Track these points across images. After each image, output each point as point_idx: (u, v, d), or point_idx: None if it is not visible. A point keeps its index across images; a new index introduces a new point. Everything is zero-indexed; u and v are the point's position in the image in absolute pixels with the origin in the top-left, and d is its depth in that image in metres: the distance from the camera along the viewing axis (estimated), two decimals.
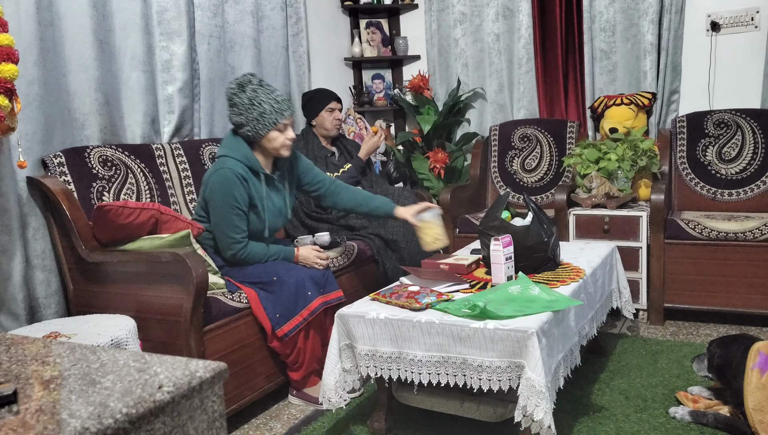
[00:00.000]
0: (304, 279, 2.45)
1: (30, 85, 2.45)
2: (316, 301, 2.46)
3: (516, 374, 1.82)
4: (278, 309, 2.42)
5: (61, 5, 2.59)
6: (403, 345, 1.98)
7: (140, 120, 2.94)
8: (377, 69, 4.61)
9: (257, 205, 2.50)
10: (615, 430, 2.18)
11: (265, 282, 2.46)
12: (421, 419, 2.32)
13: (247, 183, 2.45)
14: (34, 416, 0.80)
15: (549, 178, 3.90)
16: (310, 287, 2.45)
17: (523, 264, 2.32)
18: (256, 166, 2.48)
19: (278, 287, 2.42)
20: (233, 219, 2.43)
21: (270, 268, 2.48)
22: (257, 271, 2.49)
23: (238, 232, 2.45)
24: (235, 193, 2.41)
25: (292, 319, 2.41)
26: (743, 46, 3.57)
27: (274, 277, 2.44)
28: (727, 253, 3.07)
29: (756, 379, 2.03)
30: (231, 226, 2.44)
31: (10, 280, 2.36)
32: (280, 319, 2.42)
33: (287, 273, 2.45)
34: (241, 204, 2.43)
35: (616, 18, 3.79)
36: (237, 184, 2.41)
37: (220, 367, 0.95)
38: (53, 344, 1.11)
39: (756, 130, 3.41)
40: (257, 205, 2.50)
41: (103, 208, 2.29)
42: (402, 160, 4.33)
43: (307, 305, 2.43)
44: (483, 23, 4.20)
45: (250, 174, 2.47)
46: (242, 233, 2.46)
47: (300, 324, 2.41)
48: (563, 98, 4.05)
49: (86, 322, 2.16)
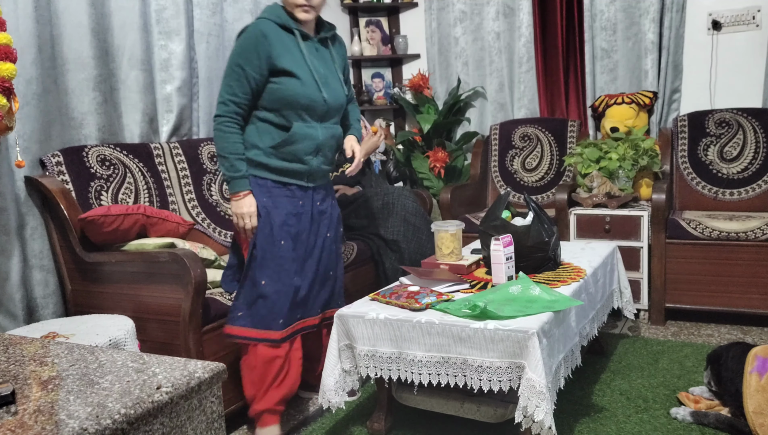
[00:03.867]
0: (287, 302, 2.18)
1: (28, 84, 2.44)
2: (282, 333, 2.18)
3: (516, 375, 1.81)
4: (243, 306, 2.18)
5: (59, 3, 2.58)
6: (403, 345, 1.97)
7: (138, 119, 2.93)
8: (377, 68, 4.60)
9: (291, 67, 2.14)
10: (616, 430, 2.17)
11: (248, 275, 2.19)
12: (421, 420, 2.31)
13: (273, 40, 2.12)
14: (32, 417, 0.79)
15: (550, 178, 3.89)
16: (285, 313, 2.18)
17: (523, 264, 2.31)
18: (289, 22, 2.17)
19: (256, 289, 2.17)
20: (230, 77, 2.13)
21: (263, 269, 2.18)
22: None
23: (228, 93, 2.13)
24: (248, 52, 2.10)
25: (248, 328, 2.17)
26: (744, 44, 3.57)
27: (263, 281, 2.17)
28: (729, 253, 3.06)
29: (755, 382, 2.03)
30: (226, 84, 2.14)
31: (8, 280, 2.35)
32: (239, 317, 2.18)
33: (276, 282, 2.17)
34: (248, 65, 2.10)
35: (617, 17, 3.78)
36: (254, 41, 2.11)
37: (218, 368, 0.94)
38: (51, 344, 1.10)
39: (757, 130, 3.40)
40: (291, 67, 2.14)
41: (85, 220, 2.30)
42: (402, 159, 4.33)
43: (271, 330, 2.17)
44: (483, 22, 4.19)
45: (281, 31, 2.16)
46: (232, 97, 2.12)
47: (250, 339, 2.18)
48: (564, 97, 4.04)
49: (84, 323, 2.15)
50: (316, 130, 2.21)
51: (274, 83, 2.15)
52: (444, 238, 2.45)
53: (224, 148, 2.14)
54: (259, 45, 2.11)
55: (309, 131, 2.19)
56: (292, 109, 2.16)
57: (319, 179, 2.30)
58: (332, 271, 2.39)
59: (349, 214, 3.18)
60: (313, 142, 2.21)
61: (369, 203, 3.16)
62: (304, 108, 2.18)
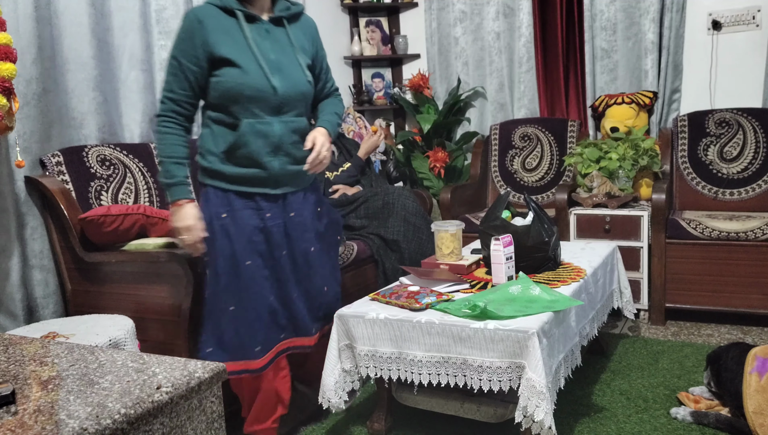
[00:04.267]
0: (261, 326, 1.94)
1: (28, 84, 2.44)
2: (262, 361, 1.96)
3: (516, 375, 1.81)
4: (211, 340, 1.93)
5: (59, 4, 2.58)
6: (403, 345, 1.97)
7: (138, 119, 2.93)
8: (377, 68, 4.60)
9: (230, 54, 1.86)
10: (616, 430, 2.17)
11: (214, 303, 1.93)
12: (421, 420, 2.31)
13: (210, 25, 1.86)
14: (32, 417, 0.79)
15: (550, 178, 3.89)
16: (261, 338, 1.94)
17: (523, 264, 2.31)
18: (230, 3, 1.90)
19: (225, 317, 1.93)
20: (168, 72, 1.91)
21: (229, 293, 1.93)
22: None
23: (166, 90, 1.91)
24: (183, 42, 1.87)
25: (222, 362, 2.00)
26: (744, 44, 3.57)
27: (231, 307, 1.92)
28: (729, 253, 3.06)
29: (755, 382, 2.03)
30: (164, 81, 1.92)
31: (8, 280, 2.35)
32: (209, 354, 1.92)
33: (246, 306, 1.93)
34: (184, 56, 1.86)
35: (617, 17, 3.78)
36: (188, 29, 1.87)
37: (218, 368, 0.94)
38: (51, 344, 1.10)
39: (757, 130, 3.40)
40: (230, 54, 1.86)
41: (85, 220, 2.30)
42: (402, 159, 4.33)
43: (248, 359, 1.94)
44: (483, 21, 4.19)
45: (222, 14, 1.89)
46: (169, 94, 1.90)
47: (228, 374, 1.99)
48: (564, 97, 4.04)
49: (84, 323, 2.15)
50: (271, 126, 1.92)
51: (216, 75, 1.89)
52: (444, 238, 2.45)
53: (160, 151, 1.91)
54: (194, 32, 1.86)
55: (261, 128, 1.90)
56: (237, 103, 1.89)
57: (289, 184, 2.00)
58: (327, 286, 2.12)
59: (349, 214, 3.18)
60: (269, 140, 1.91)
61: (369, 203, 3.15)
62: (251, 101, 1.88)
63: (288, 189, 2.00)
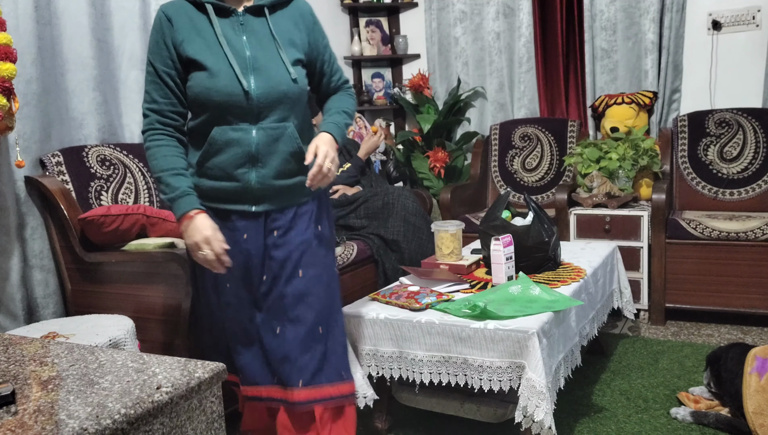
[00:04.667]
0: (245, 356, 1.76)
1: (28, 84, 2.44)
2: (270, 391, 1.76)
3: (516, 375, 1.81)
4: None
5: (59, 4, 2.58)
6: (404, 345, 1.98)
7: (138, 119, 2.93)
8: (377, 68, 4.60)
9: (197, 55, 1.63)
10: (616, 430, 2.17)
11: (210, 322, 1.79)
12: (421, 419, 2.31)
13: (179, 23, 1.65)
14: (32, 417, 0.79)
15: (550, 178, 3.89)
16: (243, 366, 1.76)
17: (523, 264, 2.31)
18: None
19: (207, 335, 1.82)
20: (146, 82, 1.69)
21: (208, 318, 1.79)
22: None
23: (146, 102, 1.68)
24: (155, 44, 1.67)
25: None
26: (744, 44, 3.57)
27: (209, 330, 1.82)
28: (729, 253, 3.06)
29: (755, 383, 2.03)
30: (145, 91, 1.70)
31: (8, 280, 2.35)
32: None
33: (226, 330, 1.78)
34: (158, 60, 1.65)
35: (617, 17, 3.78)
36: (158, 29, 1.67)
37: (218, 368, 0.94)
38: (51, 344, 1.10)
39: (757, 130, 3.40)
40: (197, 55, 1.63)
41: (85, 220, 2.30)
42: (402, 159, 4.33)
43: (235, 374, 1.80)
44: (483, 22, 4.19)
45: (192, 10, 1.67)
46: (150, 105, 1.67)
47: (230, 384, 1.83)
48: (564, 97, 4.04)
49: (84, 323, 2.15)
50: (248, 133, 1.64)
51: (189, 80, 1.67)
52: (444, 238, 2.45)
53: (154, 167, 1.65)
54: (164, 32, 1.65)
55: (234, 136, 1.64)
56: (209, 111, 1.65)
57: (273, 200, 1.70)
58: (322, 326, 1.73)
59: (349, 214, 3.18)
60: (243, 149, 1.65)
61: (369, 203, 3.15)
62: (221, 107, 1.63)
63: (270, 206, 1.70)
